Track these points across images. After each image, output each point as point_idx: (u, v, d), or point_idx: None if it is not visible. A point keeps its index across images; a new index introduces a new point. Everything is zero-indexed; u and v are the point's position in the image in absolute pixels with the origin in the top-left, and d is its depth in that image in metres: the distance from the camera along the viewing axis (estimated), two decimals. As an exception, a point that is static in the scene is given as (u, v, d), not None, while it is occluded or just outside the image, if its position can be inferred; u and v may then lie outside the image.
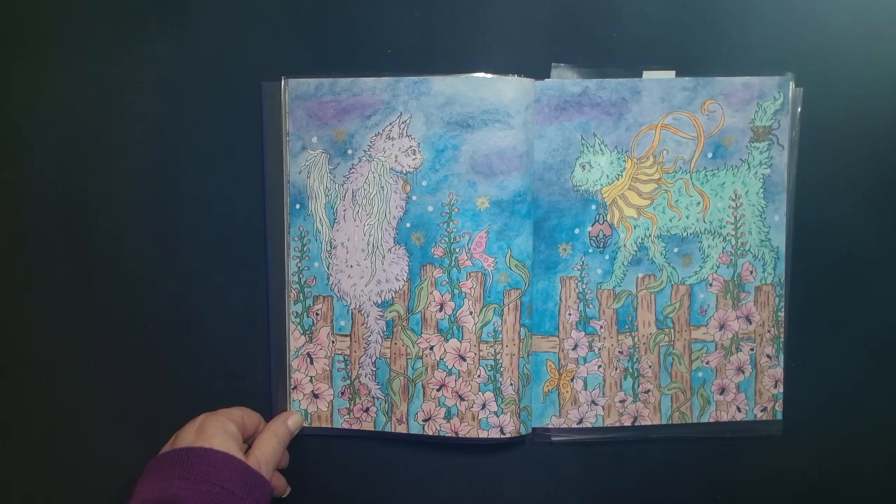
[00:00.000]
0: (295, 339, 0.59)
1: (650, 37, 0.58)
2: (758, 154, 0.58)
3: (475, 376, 0.57)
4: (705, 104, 0.58)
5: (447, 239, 0.57)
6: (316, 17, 0.58)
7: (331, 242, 0.58)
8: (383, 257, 0.57)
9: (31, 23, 0.57)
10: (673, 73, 0.58)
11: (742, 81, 0.58)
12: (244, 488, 0.48)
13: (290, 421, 0.57)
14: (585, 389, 0.60)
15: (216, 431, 0.50)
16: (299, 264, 0.58)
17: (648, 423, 0.60)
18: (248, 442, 0.55)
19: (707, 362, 0.60)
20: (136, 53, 0.57)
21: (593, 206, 0.59)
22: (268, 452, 0.53)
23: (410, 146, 0.57)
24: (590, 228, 0.59)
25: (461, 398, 0.58)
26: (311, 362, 0.59)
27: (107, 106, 0.58)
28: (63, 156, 0.58)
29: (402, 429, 0.58)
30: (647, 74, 0.58)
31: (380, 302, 0.58)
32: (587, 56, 0.58)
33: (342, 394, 0.59)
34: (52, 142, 0.58)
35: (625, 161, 0.58)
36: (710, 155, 0.58)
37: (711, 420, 0.60)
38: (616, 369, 0.60)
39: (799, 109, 0.58)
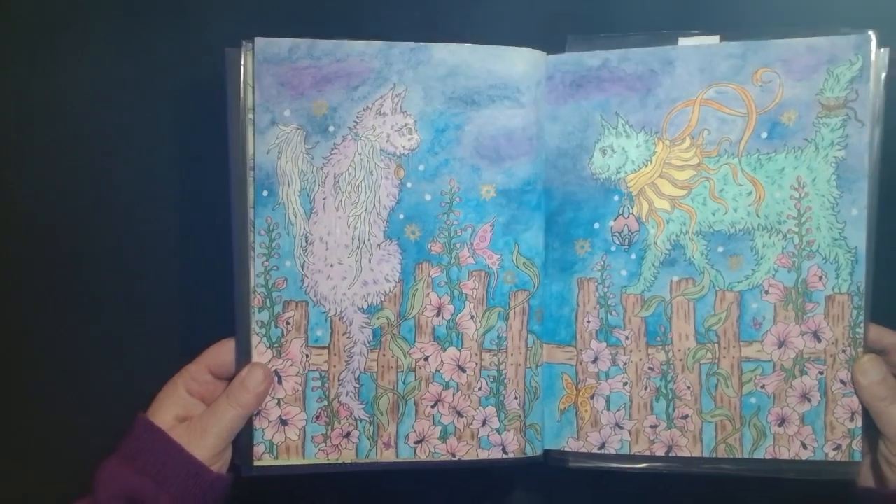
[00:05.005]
0: (259, 355, 0.50)
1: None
2: (828, 133, 0.49)
3: (475, 389, 0.51)
4: (757, 73, 0.49)
5: (446, 233, 0.51)
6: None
7: (306, 237, 0.51)
8: (371, 254, 0.51)
9: (31, 23, 0.58)
10: (717, 37, 0.49)
11: (806, 43, 0.48)
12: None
13: (249, 381, 0.50)
14: (608, 409, 0.52)
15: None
16: (266, 264, 0.50)
17: (686, 454, 0.51)
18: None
19: (762, 386, 0.50)
20: (136, 53, 0.57)
21: (616, 197, 0.51)
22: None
23: (405, 124, 0.51)
24: (612, 223, 0.51)
25: (459, 414, 0.51)
26: (280, 382, 0.51)
27: (107, 106, 0.57)
28: (63, 156, 0.58)
29: (389, 454, 0.51)
30: (683, 41, 0.49)
31: (366, 307, 0.51)
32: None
33: (317, 418, 0.52)
34: (53, 142, 0.58)
35: (654, 144, 0.50)
36: (764, 135, 0.49)
37: (767, 456, 0.50)
38: (645, 388, 0.51)
39: (883, 75, 0.48)
